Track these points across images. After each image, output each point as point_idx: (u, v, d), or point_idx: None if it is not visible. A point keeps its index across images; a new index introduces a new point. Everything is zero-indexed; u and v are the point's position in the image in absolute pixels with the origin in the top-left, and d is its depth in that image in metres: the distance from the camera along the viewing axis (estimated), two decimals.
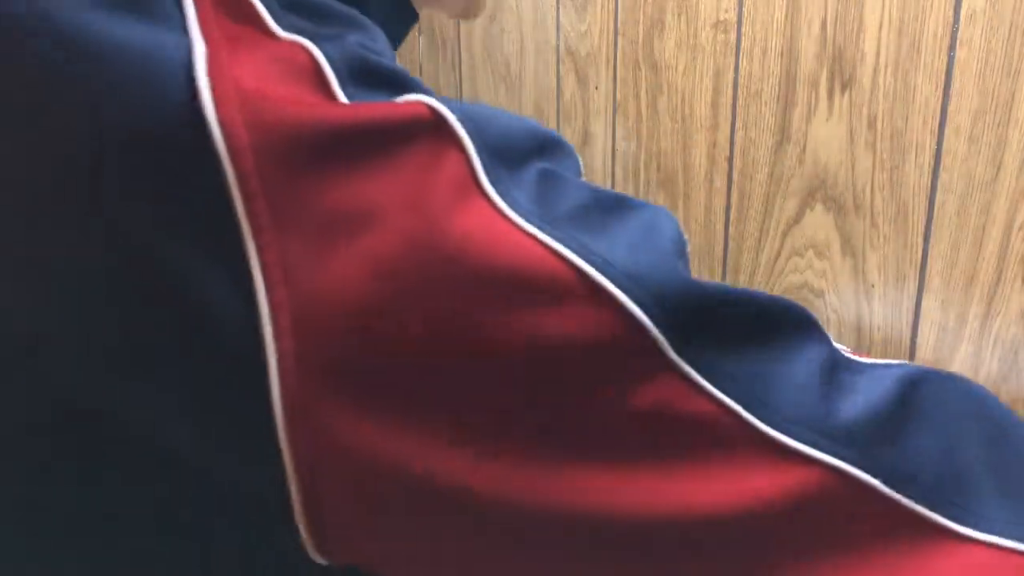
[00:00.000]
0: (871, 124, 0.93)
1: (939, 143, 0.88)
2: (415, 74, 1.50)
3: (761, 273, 1.07)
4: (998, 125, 0.83)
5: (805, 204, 1.01)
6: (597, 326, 0.36)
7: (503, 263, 0.35)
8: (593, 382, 0.36)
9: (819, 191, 0.99)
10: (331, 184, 0.35)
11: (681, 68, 1.09)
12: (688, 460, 0.37)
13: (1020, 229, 0.84)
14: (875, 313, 0.97)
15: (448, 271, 0.35)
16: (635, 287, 0.36)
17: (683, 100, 1.10)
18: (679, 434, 0.37)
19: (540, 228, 0.36)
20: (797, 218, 1.02)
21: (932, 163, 0.89)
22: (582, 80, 1.21)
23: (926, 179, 0.90)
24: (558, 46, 1.23)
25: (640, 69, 1.13)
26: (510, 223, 0.36)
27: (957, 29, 0.84)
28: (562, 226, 0.37)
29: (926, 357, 0.94)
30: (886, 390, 0.42)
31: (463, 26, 1.37)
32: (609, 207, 0.40)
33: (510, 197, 0.37)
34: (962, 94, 0.85)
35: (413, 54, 1.48)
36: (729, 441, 0.38)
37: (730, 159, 1.07)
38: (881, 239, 0.95)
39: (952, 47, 0.85)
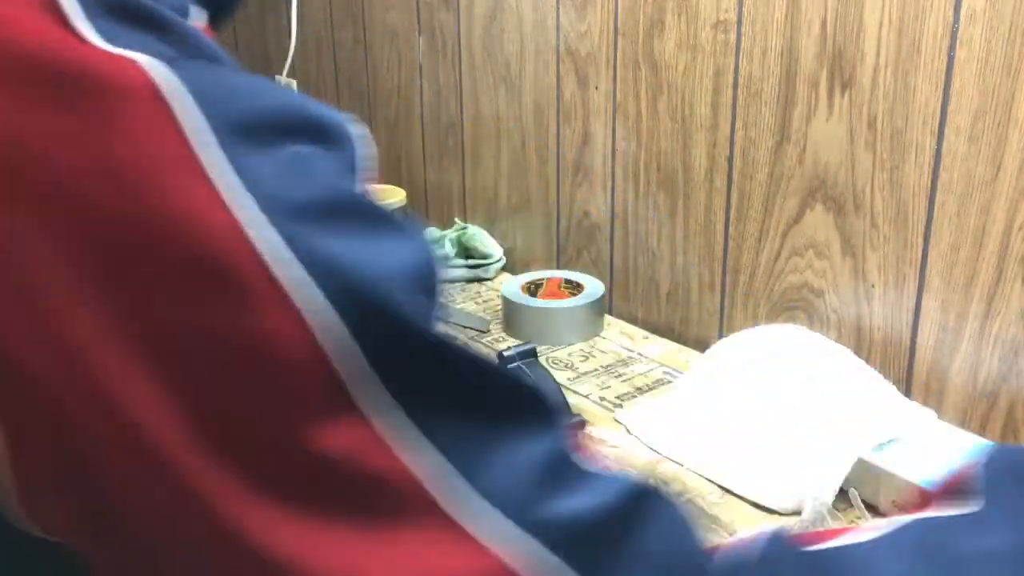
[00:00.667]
0: (871, 124, 0.93)
1: (939, 143, 0.88)
2: (415, 74, 1.50)
3: (761, 273, 1.07)
4: (998, 125, 0.83)
5: (805, 204, 1.01)
6: (270, 338, 0.32)
7: (189, 247, 0.32)
8: (262, 403, 0.32)
9: (819, 191, 0.99)
10: (31, 123, 0.33)
11: (681, 68, 1.09)
12: (361, 522, 0.33)
13: (1020, 229, 0.84)
14: (875, 313, 0.97)
15: (136, 252, 0.32)
16: (338, 305, 0.32)
17: (683, 100, 1.10)
18: (355, 491, 0.33)
19: (246, 213, 0.32)
20: (797, 218, 1.02)
21: (932, 163, 0.89)
22: (582, 80, 1.21)
23: (926, 179, 0.90)
24: (558, 46, 1.23)
25: (640, 69, 1.14)
26: (216, 203, 0.32)
27: (957, 29, 0.84)
28: (283, 216, 0.33)
29: (926, 357, 0.94)
30: (612, 498, 0.37)
31: (463, 26, 1.37)
32: (358, 213, 0.35)
33: (227, 178, 0.33)
34: (962, 94, 0.85)
35: (413, 54, 1.48)
36: (412, 511, 0.33)
37: (730, 159, 1.07)
38: (881, 239, 0.95)
39: (952, 47, 0.85)
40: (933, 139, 0.88)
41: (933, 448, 0.82)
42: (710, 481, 0.85)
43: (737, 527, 0.80)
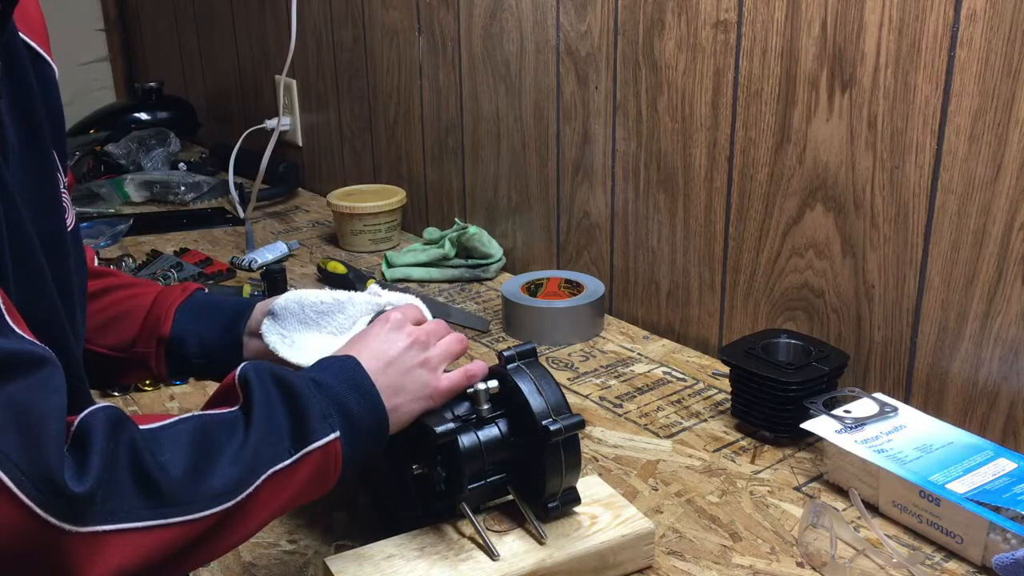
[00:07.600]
0: (871, 124, 0.93)
1: (939, 143, 0.88)
2: (415, 74, 1.50)
3: (761, 273, 1.07)
4: (998, 125, 0.83)
5: (805, 204, 1.01)
6: None
7: None
8: None
9: (819, 191, 0.99)
10: None
11: (681, 68, 1.09)
12: None
13: (1020, 229, 0.84)
14: (875, 313, 0.97)
15: None
16: None
17: (683, 100, 1.10)
18: None
19: None
20: (797, 218, 1.02)
21: (932, 163, 0.89)
22: (582, 80, 1.21)
23: (926, 179, 0.90)
24: (558, 46, 1.23)
25: (640, 69, 1.14)
26: None
27: (957, 29, 0.84)
28: None
29: (926, 357, 0.94)
30: None
31: (463, 26, 1.37)
32: None
33: None
34: (962, 94, 0.85)
35: (413, 53, 1.48)
36: None
37: (730, 159, 1.07)
38: (881, 239, 0.95)
39: (952, 47, 0.85)
40: (933, 139, 0.88)
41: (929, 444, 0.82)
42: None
43: (736, 525, 0.80)
